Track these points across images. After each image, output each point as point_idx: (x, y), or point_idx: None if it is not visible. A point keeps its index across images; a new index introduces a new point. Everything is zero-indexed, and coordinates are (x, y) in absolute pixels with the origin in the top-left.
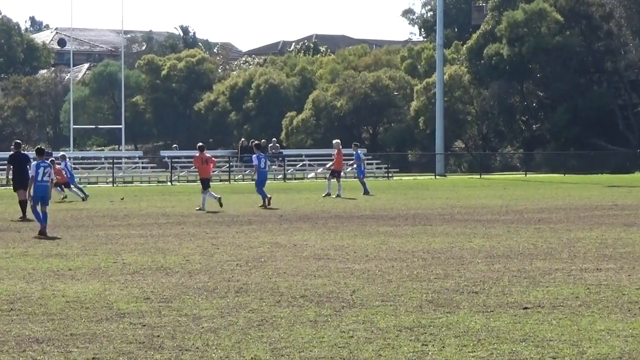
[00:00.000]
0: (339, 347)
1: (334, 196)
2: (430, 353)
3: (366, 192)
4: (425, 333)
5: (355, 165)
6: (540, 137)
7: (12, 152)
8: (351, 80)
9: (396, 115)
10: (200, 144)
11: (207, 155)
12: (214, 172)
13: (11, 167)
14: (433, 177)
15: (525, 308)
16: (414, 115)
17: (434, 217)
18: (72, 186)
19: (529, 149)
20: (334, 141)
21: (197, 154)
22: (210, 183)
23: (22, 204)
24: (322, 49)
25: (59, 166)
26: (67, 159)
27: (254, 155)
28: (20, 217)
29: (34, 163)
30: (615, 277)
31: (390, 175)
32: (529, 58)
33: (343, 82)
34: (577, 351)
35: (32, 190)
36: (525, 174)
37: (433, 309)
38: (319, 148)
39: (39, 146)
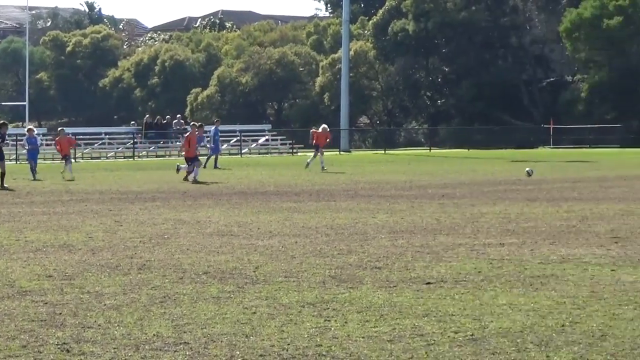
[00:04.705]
0: (242, 324)
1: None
2: (332, 328)
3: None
4: (328, 308)
5: (209, 140)
6: (444, 112)
7: None
8: (256, 56)
9: (301, 91)
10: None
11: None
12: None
13: None
14: (338, 152)
15: (428, 283)
16: (319, 91)
17: (338, 192)
18: None
19: (434, 124)
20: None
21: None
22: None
23: None
24: (228, 24)
25: None
26: None
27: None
28: None
29: None
30: (517, 251)
31: (294, 151)
32: (434, 33)
33: (248, 58)
34: (479, 325)
35: None
36: (430, 149)
37: (336, 285)
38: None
39: None
